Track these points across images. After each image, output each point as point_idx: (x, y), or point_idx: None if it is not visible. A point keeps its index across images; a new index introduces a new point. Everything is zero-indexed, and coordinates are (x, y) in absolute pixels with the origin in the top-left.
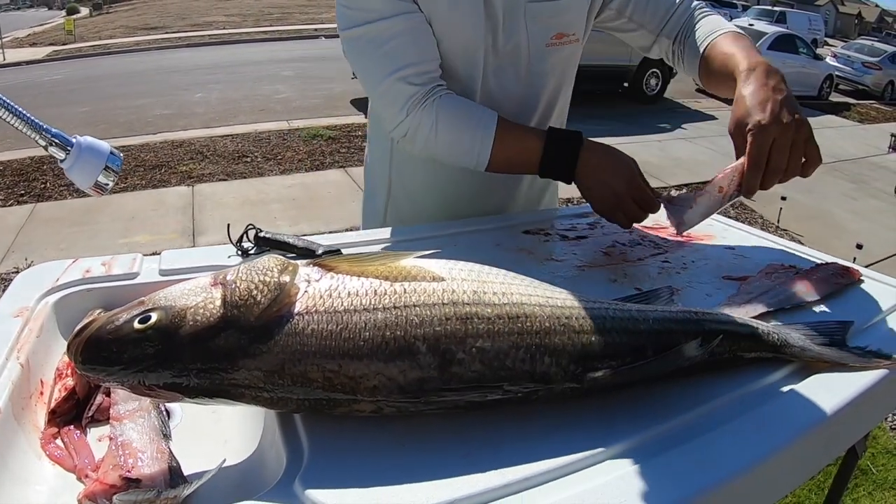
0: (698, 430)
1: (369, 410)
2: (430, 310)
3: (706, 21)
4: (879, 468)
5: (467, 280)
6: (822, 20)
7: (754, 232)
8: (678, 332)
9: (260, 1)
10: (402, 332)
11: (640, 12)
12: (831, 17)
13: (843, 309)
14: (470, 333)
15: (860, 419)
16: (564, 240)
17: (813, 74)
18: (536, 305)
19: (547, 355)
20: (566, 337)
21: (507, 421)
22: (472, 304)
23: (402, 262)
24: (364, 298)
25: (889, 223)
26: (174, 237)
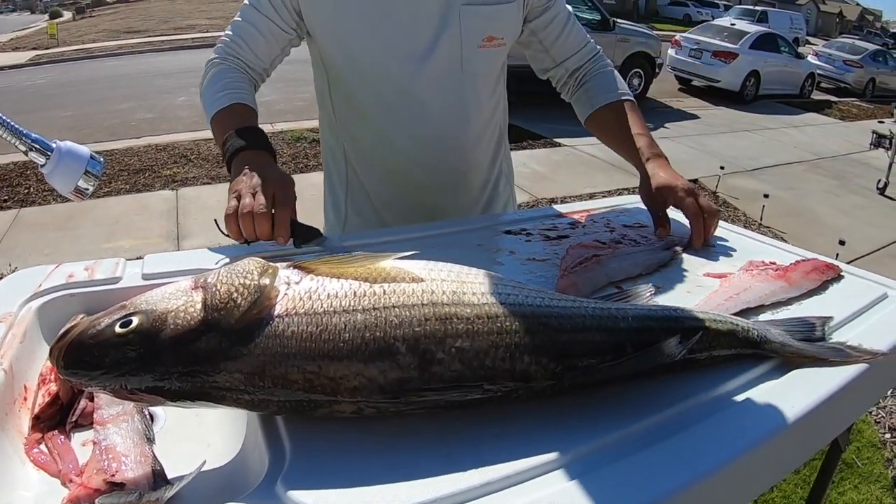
0: (678, 426)
1: (350, 411)
2: (409, 310)
3: (605, 76)
4: (865, 461)
5: (446, 281)
6: (803, 19)
7: (734, 229)
8: (657, 329)
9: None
10: (382, 332)
11: (552, 40)
12: (812, 16)
13: (823, 305)
14: (449, 333)
15: (841, 414)
16: (546, 240)
17: (795, 73)
18: (515, 305)
19: (526, 354)
20: (545, 335)
21: (488, 420)
22: (451, 304)
23: (382, 264)
24: (343, 300)
25: (871, 219)
26: (158, 241)
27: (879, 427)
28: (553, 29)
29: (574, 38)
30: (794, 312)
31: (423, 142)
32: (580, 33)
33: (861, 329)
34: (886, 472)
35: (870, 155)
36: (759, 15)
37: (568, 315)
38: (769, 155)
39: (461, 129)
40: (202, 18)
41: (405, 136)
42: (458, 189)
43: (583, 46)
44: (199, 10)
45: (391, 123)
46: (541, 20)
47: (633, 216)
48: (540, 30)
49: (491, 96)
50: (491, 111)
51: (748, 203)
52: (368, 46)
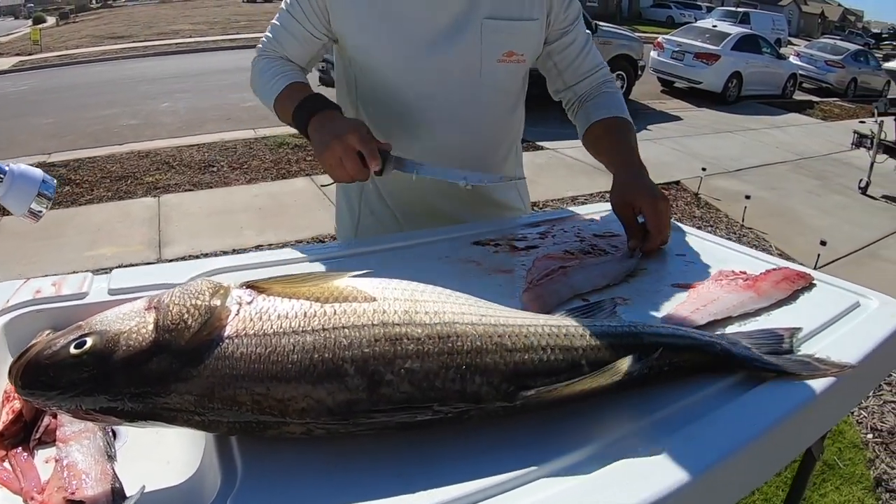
0: (634, 445)
1: (300, 432)
2: (359, 331)
3: (607, 96)
4: (846, 462)
5: (399, 300)
6: (785, 20)
7: (707, 237)
8: (616, 346)
9: (226, 8)
10: (331, 354)
11: (566, 64)
12: (794, 17)
13: (793, 315)
14: (399, 354)
15: (809, 427)
16: (514, 250)
17: (776, 74)
18: (468, 324)
19: (478, 375)
20: (498, 356)
21: (441, 440)
22: (402, 324)
23: (336, 283)
24: (293, 321)
25: (853, 219)
26: (140, 249)
27: (861, 428)
28: (569, 53)
29: (587, 64)
30: (763, 323)
31: (439, 150)
32: (595, 59)
33: (831, 340)
34: (868, 473)
35: (851, 155)
36: (741, 16)
37: (522, 334)
38: (751, 155)
39: (477, 138)
40: (186, 24)
41: (421, 143)
42: (472, 196)
43: (595, 72)
44: (182, 15)
45: (408, 130)
46: (558, 43)
47: (604, 225)
48: (556, 53)
49: (508, 110)
50: (508, 124)
51: (730, 204)
52: (388, 54)
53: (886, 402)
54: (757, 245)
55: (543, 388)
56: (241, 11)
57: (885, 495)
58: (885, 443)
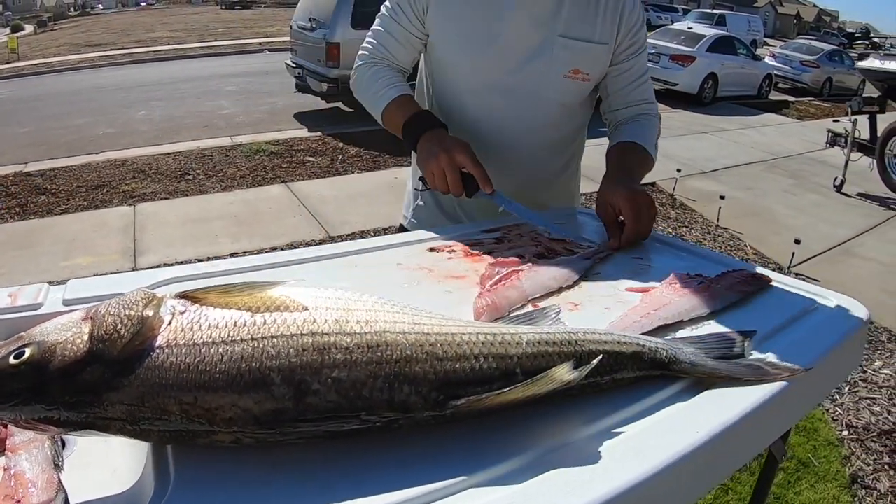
0: (571, 454)
1: (229, 441)
2: (287, 341)
3: (637, 124)
4: (821, 460)
5: (331, 309)
6: (761, 21)
7: (669, 240)
8: (554, 354)
9: (205, 16)
10: (258, 363)
11: (616, 89)
12: (770, 18)
13: (748, 318)
14: (326, 364)
15: (758, 433)
16: (468, 256)
17: (752, 74)
18: (400, 333)
19: (406, 384)
20: (428, 364)
21: (370, 449)
22: (331, 333)
23: (270, 292)
24: (224, 331)
25: (828, 217)
26: (115, 258)
27: (837, 424)
28: (620, 80)
29: (635, 95)
30: (716, 327)
31: (502, 155)
32: (643, 93)
33: (786, 342)
34: (844, 470)
35: (827, 153)
36: (717, 18)
37: (455, 342)
38: (727, 156)
39: (537, 149)
40: (164, 31)
41: (485, 148)
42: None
43: (639, 104)
44: (161, 22)
45: (473, 134)
46: (614, 69)
47: (563, 228)
48: (610, 77)
49: (570, 125)
50: (567, 137)
51: (705, 204)
52: (465, 61)
53: (862, 399)
54: (732, 245)
55: (474, 398)
56: (219, 19)
57: (860, 492)
58: (860, 439)
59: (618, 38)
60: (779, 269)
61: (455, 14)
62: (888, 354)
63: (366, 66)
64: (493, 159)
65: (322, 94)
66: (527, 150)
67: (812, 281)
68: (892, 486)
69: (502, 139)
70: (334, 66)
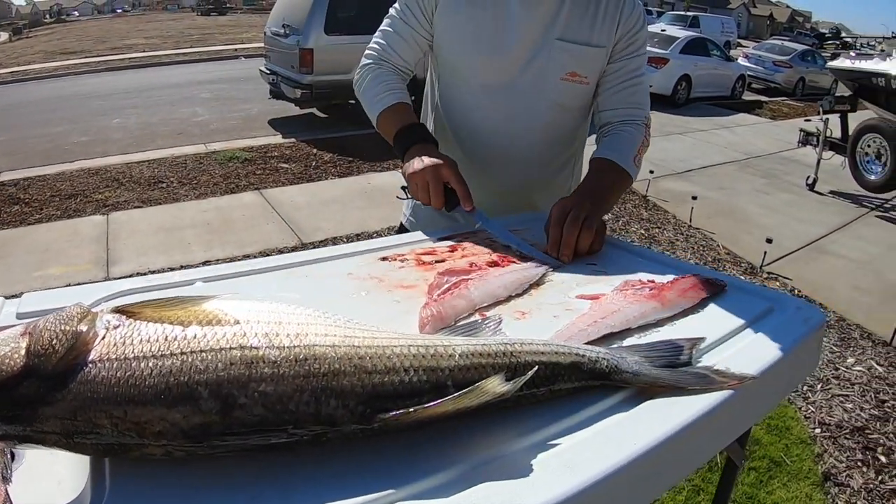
0: (504, 466)
1: (160, 454)
2: (216, 355)
3: (618, 136)
4: (794, 459)
5: (262, 322)
6: (734, 23)
7: (625, 245)
8: (487, 366)
9: (181, 22)
10: (186, 377)
11: (604, 88)
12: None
13: (699, 324)
14: (254, 377)
15: (701, 443)
16: (420, 265)
17: (725, 75)
18: (329, 346)
19: (333, 397)
20: (356, 378)
21: (302, 461)
22: (260, 347)
23: (204, 306)
24: (154, 345)
25: (800, 215)
26: (88, 268)
27: (809, 422)
28: (611, 80)
29: (623, 97)
30: (665, 334)
31: (500, 155)
32: (634, 96)
33: (737, 348)
34: (816, 468)
35: (800, 152)
36: (691, 20)
37: (385, 355)
38: (700, 156)
39: (534, 150)
40: (140, 38)
41: (484, 147)
42: (523, 199)
43: (627, 107)
44: (136, 29)
45: (474, 133)
46: (608, 68)
47: (520, 234)
48: (603, 76)
49: (568, 127)
50: (566, 138)
51: (678, 205)
52: (466, 61)
53: (834, 396)
54: (704, 245)
55: (402, 411)
56: (195, 25)
57: (833, 489)
58: (833, 437)
59: (617, 43)
60: (751, 269)
61: (461, 16)
62: (860, 351)
63: (370, 67)
64: (492, 157)
65: (296, 101)
66: (525, 150)
67: (784, 279)
68: (865, 483)
69: (502, 138)
70: (308, 71)
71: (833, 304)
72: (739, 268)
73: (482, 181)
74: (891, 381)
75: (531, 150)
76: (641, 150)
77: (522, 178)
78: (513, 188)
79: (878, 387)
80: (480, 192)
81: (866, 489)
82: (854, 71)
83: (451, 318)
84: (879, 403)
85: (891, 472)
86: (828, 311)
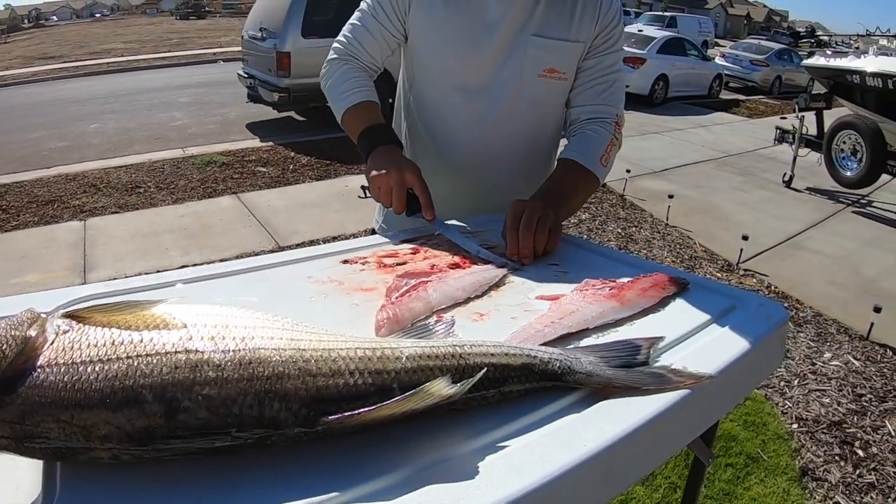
0: (451, 469)
1: (107, 458)
2: (161, 358)
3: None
4: (770, 454)
5: (209, 326)
6: (711, 23)
7: (590, 245)
8: (435, 368)
9: (159, 26)
10: (131, 381)
11: (577, 84)
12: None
13: (659, 323)
14: (198, 381)
15: (657, 444)
16: (381, 267)
17: (702, 75)
18: (274, 349)
19: (276, 400)
20: (300, 381)
21: (247, 464)
22: (204, 350)
23: (153, 310)
24: (101, 349)
25: (776, 212)
26: (65, 274)
27: (786, 418)
28: (584, 76)
29: (595, 93)
30: (624, 334)
31: (476, 154)
32: (605, 93)
33: (696, 348)
34: (794, 464)
35: (776, 150)
36: (668, 20)
37: (331, 358)
38: (677, 155)
39: (512, 147)
40: (118, 42)
41: (460, 146)
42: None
43: (598, 104)
44: (114, 33)
45: (449, 133)
46: (583, 64)
47: (481, 236)
48: (577, 72)
49: (546, 123)
50: (546, 136)
51: (655, 204)
52: (441, 62)
53: (811, 391)
54: (681, 243)
55: (346, 414)
56: (173, 29)
57: (811, 484)
58: (810, 432)
59: (594, 39)
60: (728, 266)
61: (436, 16)
62: (837, 346)
63: (338, 61)
64: (470, 157)
65: (273, 104)
66: (504, 149)
67: (761, 276)
68: (843, 477)
69: (479, 139)
70: (285, 75)
71: (810, 299)
72: (716, 265)
73: (460, 184)
74: (867, 376)
75: (511, 150)
76: (611, 149)
77: (503, 179)
78: (493, 191)
79: (854, 381)
80: (458, 196)
81: (844, 483)
82: (829, 69)
83: (407, 320)
84: (857, 398)
85: (868, 465)
86: (804, 306)
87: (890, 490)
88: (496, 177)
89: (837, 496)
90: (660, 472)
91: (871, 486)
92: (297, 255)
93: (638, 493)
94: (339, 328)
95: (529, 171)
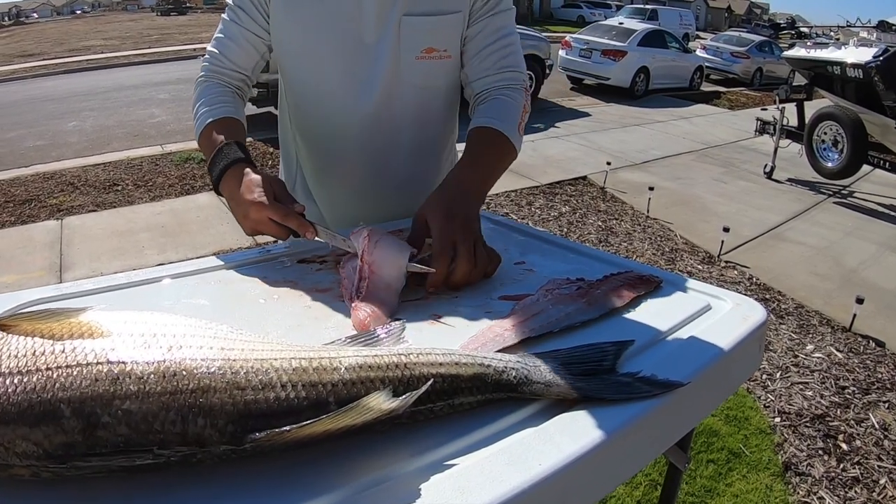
0: (391, 491)
1: (28, 475)
2: (82, 370)
3: (496, 102)
4: (753, 449)
5: (135, 335)
6: (692, 15)
7: (554, 240)
8: (376, 380)
9: (140, 23)
10: (50, 395)
11: (470, 55)
12: (702, 12)
13: (629, 325)
14: (118, 395)
15: (623, 459)
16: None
17: (683, 67)
18: (202, 360)
19: (201, 416)
20: (227, 395)
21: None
22: (127, 361)
23: (79, 318)
24: (22, 360)
25: (758, 203)
26: (41, 275)
27: (768, 412)
28: (475, 44)
29: (493, 59)
30: (592, 336)
31: (365, 148)
32: (507, 59)
33: (668, 352)
34: (777, 458)
35: (757, 141)
36: (650, 13)
37: (262, 370)
38: (657, 147)
39: (401, 136)
40: (98, 39)
41: (347, 142)
42: (393, 198)
43: (501, 71)
44: (94, 30)
45: (333, 130)
46: (469, 32)
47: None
48: (466, 42)
49: (435, 108)
50: (435, 122)
51: (636, 196)
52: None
53: (794, 384)
54: (662, 235)
55: (275, 431)
56: (154, 25)
57: (794, 479)
58: (793, 425)
59: (474, 4)
60: (709, 258)
61: (300, 10)
62: (819, 338)
63: (200, 81)
64: (359, 151)
65: (252, 100)
66: (391, 140)
67: (742, 267)
68: (826, 472)
69: (364, 130)
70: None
71: (791, 290)
72: (697, 257)
73: (355, 179)
74: (850, 368)
75: (399, 140)
76: (524, 116)
77: (397, 176)
78: (398, 189)
79: (837, 373)
80: (357, 192)
81: (828, 478)
82: (810, 60)
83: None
84: (840, 390)
85: (852, 459)
86: (786, 298)
87: (874, 484)
88: (392, 175)
89: (821, 491)
90: (640, 470)
91: (856, 480)
92: (251, 257)
93: (618, 492)
94: (287, 332)
95: (425, 157)
